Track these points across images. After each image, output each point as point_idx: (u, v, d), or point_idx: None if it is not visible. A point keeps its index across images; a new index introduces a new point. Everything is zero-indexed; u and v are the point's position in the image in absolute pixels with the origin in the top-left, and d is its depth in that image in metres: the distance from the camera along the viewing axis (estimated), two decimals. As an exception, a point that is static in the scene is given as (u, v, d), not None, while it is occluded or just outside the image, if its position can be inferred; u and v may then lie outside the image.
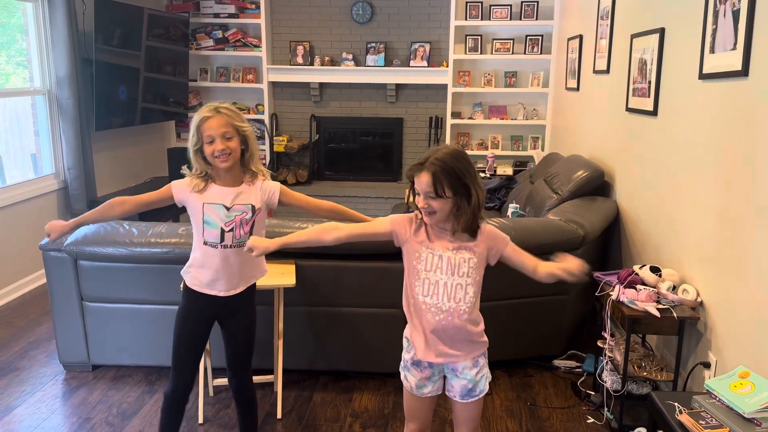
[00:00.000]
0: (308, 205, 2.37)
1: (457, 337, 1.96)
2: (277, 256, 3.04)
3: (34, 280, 4.63)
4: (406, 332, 2.05)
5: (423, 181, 1.86)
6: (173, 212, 5.64)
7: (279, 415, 2.92)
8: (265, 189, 2.25)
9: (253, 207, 2.21)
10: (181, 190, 2.21)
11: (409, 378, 2.05)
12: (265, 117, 6.57)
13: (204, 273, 2.24)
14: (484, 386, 2.03)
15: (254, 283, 2.39)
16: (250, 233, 2.21)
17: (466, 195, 1.86)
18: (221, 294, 2.26)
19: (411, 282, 1.97)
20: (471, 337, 1.98)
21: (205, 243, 2.21)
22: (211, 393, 3.09)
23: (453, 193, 1.85)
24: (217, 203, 2.17)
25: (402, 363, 2.07)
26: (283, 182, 6.53)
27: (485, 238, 1.96)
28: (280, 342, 2.92)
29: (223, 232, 2.18)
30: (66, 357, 3.30)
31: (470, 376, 2.00)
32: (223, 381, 3.10)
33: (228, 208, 2.17)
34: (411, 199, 1.95)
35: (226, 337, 2.36)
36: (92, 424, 2.86)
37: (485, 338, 2.04)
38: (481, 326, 2.02)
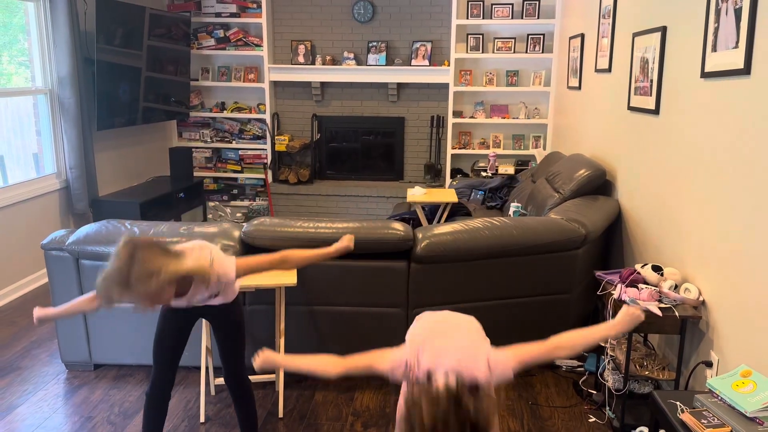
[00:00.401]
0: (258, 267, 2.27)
1: None
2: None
3: (36, 280, 4.63)
4: None
5: None
6: (175, 211, 5.64)
7: (281, 414, 2.92)
8: (217, 277, 2.13)
9: (209, 297, 2.23)
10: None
11: None
12: (267, 116, 6.57)
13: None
14: None
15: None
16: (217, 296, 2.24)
17: None
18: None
19: None
20: None
21: None
22: (212, 392, 3.09)
23: None
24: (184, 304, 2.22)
25: None
26: (284, 181, 6.56)
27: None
28: (282, 341, 2.92)
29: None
30: (68, 356, 3.31)
31: None
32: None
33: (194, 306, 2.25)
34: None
35: (215, 334, 2.39)
36: (94, 423, 2.86)
37: None
38: None
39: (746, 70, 2.30)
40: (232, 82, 6.58)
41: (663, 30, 3.15)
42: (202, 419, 2.87)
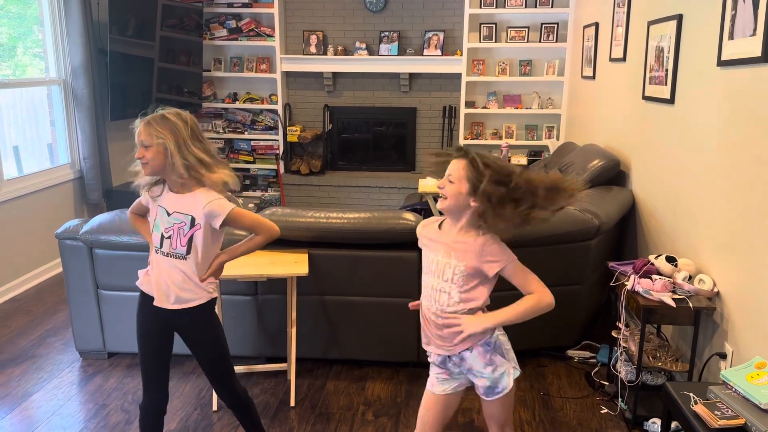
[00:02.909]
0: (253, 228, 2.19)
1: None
2: (289, 245, 3.05)
3: (50, 269, 4.68)
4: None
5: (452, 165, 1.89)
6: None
7: (292, 403, 2.93)
8: (211, 210, 2.05)
9: (192, 219, 2.06)
10: (144, 196, 2.18)
11: (431, 374, 2.06)
12: (279, 107, 6.57)
13: (150, 277, 2.15)
14: (507, 383, 1.95)
15: (207, 307, 2.16)
16: (189, 249, 2.07)
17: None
18: (156, 304, 2.12)
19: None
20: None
21: (154, 245, 2.14)
22: (225, 381, 3.11)
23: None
24: (162, 206, 2.10)
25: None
26: (296, 172, 6.56)
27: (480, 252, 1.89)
28: (293, 330, 2.93)
29: (162, 237, 2.09)
30: (82, 345, 3.34)
31: (487, 374, 1.95)
32: (237, 369, 3.12)
33: (169, 214, 2.07)
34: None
35: (191, 349, 2.22)
36: (108, 410, 2.89)
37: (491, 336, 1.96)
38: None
39: (764, 58, 2.26)
40: (245, 73, 6.58)
41: (679, 18, 3.11)
42: (214, 407, 2.89)
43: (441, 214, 2.00)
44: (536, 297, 1.92)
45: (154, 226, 2.12)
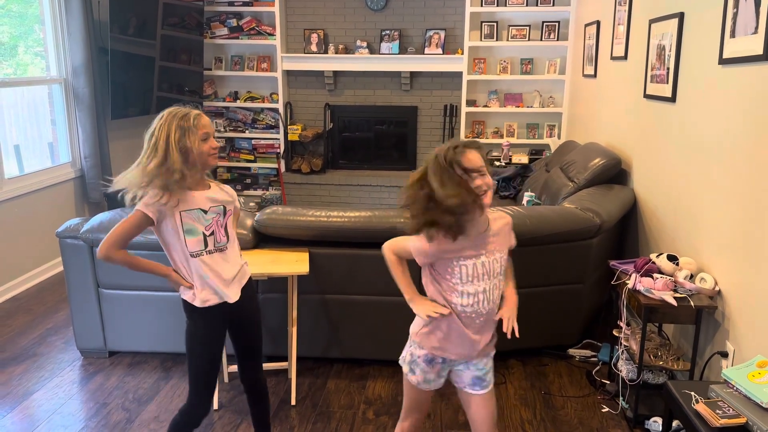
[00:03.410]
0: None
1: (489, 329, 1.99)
2: (290, 244, 3.05)
3: (51, 268, 4.68)
4: (422, 332, 1.98)
5: (473, 158, 1.78)
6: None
7: (293, 402, 2.93)
8: (228, 191, 2.18)
9: (224, 207, 2.12)
10: (154, 209, 2.01)
11: (417, 373, 2.00)
12: (280, 106, 6.56)
13: (205, 287, 2.09)
14: (491, 375, 2.03)
15: (250, 280, 2.26)
16: (227, 236, 2.13)
17: None
18: (228, 301, 2.13)
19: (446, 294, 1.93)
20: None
21: (192, 255, 2.06)
22: (225, 379, 3.11)
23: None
24: (193, 209, 2.04)
25: (409, 358, 2.01)
26: (297, 171, 6.56)
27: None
28: (294, 329, 2.92)
29: (205, 237, 2.06)
30: (83, 343, 3.34)
31: (481, 366, 1.99)
32: (236, 368, 3.13)
33: (205, 212, 2.06)
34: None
35: (235, 336, 2.25)
36: (109, 409, 2.89)
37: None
38: None
39: (766, 56, 2.25)
40: (245, 72, 6.57)
41: (680, 16, 3.10)
42: (215, 406, 2.89)
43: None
44: (510, 259, 2.01)
45: (188, 232, 2.03)
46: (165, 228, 2.05)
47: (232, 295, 2.14)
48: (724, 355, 2.52)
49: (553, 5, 5.99)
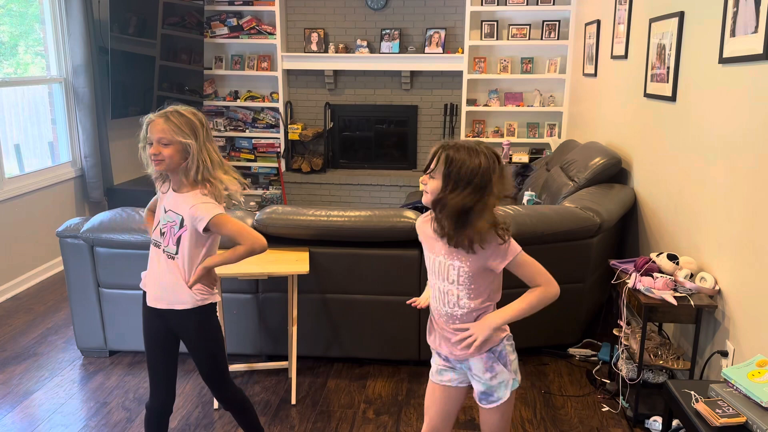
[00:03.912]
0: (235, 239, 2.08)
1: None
2: (290, 243, 3.05)
3: (52, 267, 4.68)
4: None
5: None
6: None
7: (293, 401, 2.93)
8: (196, 210, 2.00)
9: (182, 220, 2.03)
10: (158, 190, 2.17)
11: (432, 364, 2.02)
12: (280, 105, 6.56)
13: (146, 274, 2.17)
14: (503, 394, 1.89)
15: (198, 312, 2.10)
16: (177, 249, 2.05)
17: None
18: (149, 304, 2.12)
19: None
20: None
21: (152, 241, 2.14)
22: (226, 379, 3.11)
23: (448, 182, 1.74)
24: (162, 203, 2.11)
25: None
26: (298, 170, 6.56)
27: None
28: (294, 329, 2.93)
29: (160, 232, 2.09)
30: (83, 343, 3.34)
31: (484, 380, 1.91)
32: (237, 367, 3.13)
33: (165, 211, 2.08)
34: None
35: (187, 348, 2.19)
36: (109, 408, 2.89)
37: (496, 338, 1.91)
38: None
39: (765, 55, 2.25)
40: (246, 71, 6.57)
41: (680, 15, 3.10)
42: (215, 405, 2.89)
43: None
44: (541, 289, 1.87)
45: (157, 221, 2.13)
46: None
47: (149, 299, 2.13)
48: (724, 354, 2.52)
49: (554, 4, 5.98)
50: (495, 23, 6.12)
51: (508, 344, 1.93)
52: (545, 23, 6.06)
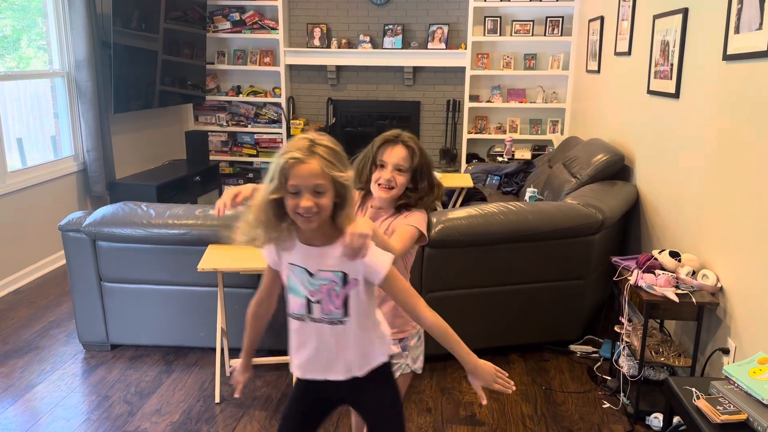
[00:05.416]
0: (406, 307, 1.66)
1: None
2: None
3: (54, 261, 4.69)
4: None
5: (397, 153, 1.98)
6: (191, 194, 5.68)
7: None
8: (368, 261, 1.57)
9: (343, 276, 1.58)
10: (269, 252, 1.67)
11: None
12: (282, 100, 6.56)
13: (301, 354, 1.73)
14: (406, 359, 2.04)
15: (385, 366, 1.73)
16: (345, 311, 1.61)
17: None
18: (327, 378, 1.71)
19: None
20: None
21: (290, 315, 1.71)
22: (227, 373, 3.11)
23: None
24: (299, 265, 1.61)
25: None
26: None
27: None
28: (296, 324, 2.92)
29: (309, 302, 1.63)
30: (85, 336, 3.35)
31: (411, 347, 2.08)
32: (239, 361, 3.13)
33: (311, 274, 1.60)
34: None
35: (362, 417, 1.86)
36: (111, 402, 2.90)
37: None
38: None
39: (770, 52, 2.24)
40: (248, 66, 6.57)
41: (684, 12, 3.09)
42: (217, 399, 2.90)
43: (444, 207, 2.00)
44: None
45: (291, 290, 1.67)
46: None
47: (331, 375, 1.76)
48: (726, 351, 2.52)
49: (557, 0, 5.97)
50: (498, 19, 6.11)
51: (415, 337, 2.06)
52: (548, 19, 6.05)
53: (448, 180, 4.77)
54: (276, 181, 1.50)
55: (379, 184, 1.99)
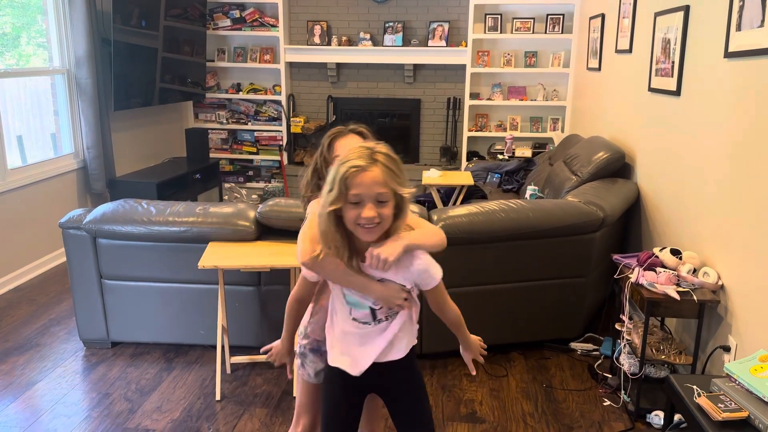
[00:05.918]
0: (437, 307, 1.75)
1: None
2: (292, 235, 3.04)
3: (54, 258, 4.69)
4: None
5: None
6: (191, 192, 5.67)
7: (295, 393, 2.93)
8: (420, 269, 1.62)
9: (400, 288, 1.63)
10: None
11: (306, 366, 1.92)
12: (282, 98, 6.55)
13: (354, 351, 1.71)
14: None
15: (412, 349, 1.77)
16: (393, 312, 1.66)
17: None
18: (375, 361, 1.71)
19: None
20: None
21: (349, 322, 1.69)
22: (228, 370, 3.12)
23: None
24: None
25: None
26: (300, 163, 6.54)
27: None
28: (296, 321, 2.92)
29: (374, 311, 1.65)
30: (86, 334, 3.35)
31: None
32: (240, 359, 3.13)
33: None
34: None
35: (389, 406, 1.88)
36: (111, 399, 2.90)
37: None
38: None
39: (772, 49, 2.24)
40: (248, 63, 6.56)
41: (686, 9, 3.08)
42: (217, 397, 2.90)
43: (445, 205, 1.97)
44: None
45: (351, 304, 1.67)
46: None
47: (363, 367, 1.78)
48: (727, 349, 2.52)
49: (558, -2, 5.95)
50: (499, 16, 6.10)
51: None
52: (549, 17, 6.04)
53: (448, 178, 4.77)
54: (336, 191, 1.45)
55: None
